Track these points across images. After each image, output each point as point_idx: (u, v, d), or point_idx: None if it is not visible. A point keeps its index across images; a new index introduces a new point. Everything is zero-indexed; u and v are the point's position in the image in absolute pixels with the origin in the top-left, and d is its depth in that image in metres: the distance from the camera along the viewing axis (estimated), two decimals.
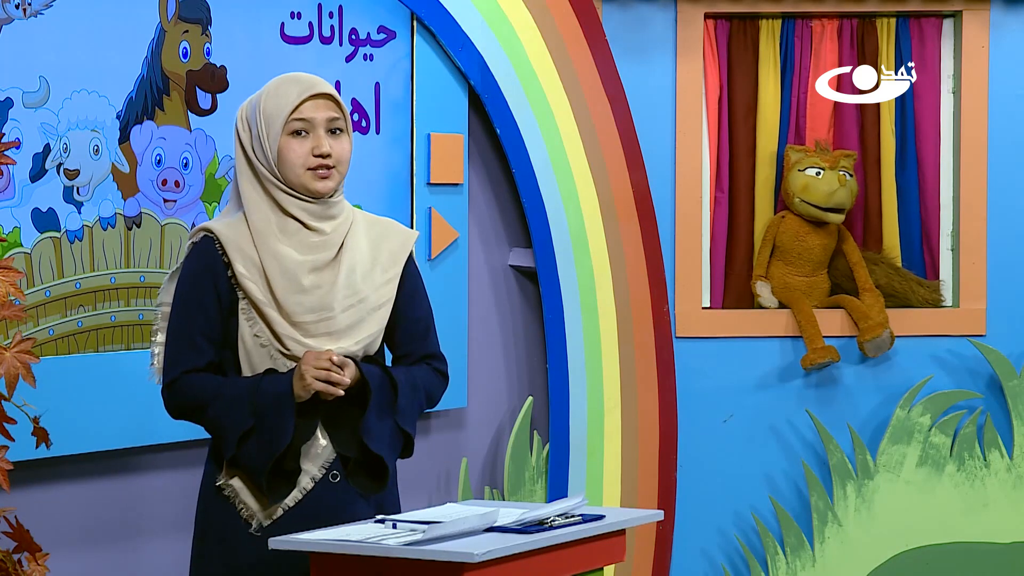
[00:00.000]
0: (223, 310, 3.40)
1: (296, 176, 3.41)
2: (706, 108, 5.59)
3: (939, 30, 5.64)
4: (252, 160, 3.43)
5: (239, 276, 3.39)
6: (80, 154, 3.97)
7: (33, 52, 3.87)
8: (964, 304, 5.60)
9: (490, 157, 5.20)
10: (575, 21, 5.19)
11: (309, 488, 3.42)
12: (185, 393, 3.40)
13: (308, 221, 3.43)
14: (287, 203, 3.42)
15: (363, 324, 3.46)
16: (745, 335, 5.55)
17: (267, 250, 3.40)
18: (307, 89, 3.42)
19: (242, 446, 3.36)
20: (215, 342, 3.40)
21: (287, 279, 3.40)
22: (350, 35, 4.68)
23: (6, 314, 3.36)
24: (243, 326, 3.40)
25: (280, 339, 3.39)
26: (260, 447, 3.35)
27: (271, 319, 3.38)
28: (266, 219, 3.42)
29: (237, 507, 3.42)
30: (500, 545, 3.13)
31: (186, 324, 3.40)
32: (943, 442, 5.53)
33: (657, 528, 5.32)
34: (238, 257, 3.39)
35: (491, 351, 5.24)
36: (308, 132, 3.41)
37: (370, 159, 4.74)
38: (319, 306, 3.41)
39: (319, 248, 3.44)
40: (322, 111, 3.42)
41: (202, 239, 3.42)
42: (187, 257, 3.44)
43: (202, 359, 3.40)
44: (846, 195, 5.47)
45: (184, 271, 3.43)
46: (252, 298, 3.38)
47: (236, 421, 3.35)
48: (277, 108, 3.40)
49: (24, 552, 3.50)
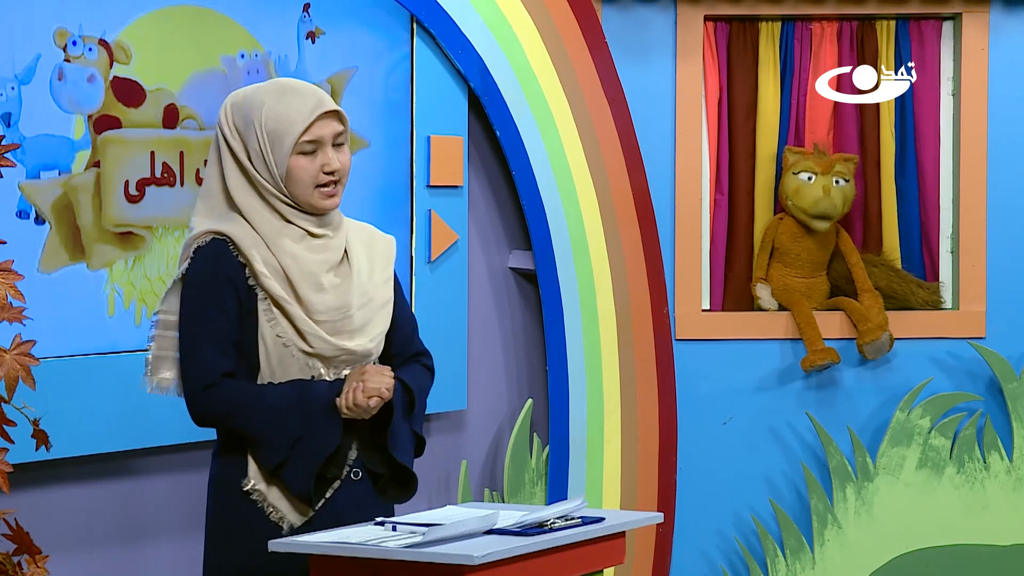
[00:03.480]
0: (240, 311, 3.39)
1: (306, 195, 3.41)
2: (706, 110, 5.59)
3: (939, 32, 5.65)
4: (248, 170, 3.41)
5: (260, 275, 3.37)
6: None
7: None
8: (964, 306, 5.60)
9: (490, 159, 5.20)
10: (575, 23, 5.19)
11: (336, 487, 3.44)
12: (224, 398, 3.36)
13: (311, 228, 3.44)
14: (288, 214, 3.42)
15: (373, 322, 3.48)
16: (745, 337, 5.55)
17: (282, 251, 3.40)
18: (315, 108, 3.39)
19: (290, 454, 3.36)
20: (236, 345, 3.39)
21: (307, 278, 3.40)
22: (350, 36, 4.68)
23: (6, 316, 3.36)
24: (264, 327, 3.38)
25: (304, 337, 3.39)
26: (307, 454, 3.36)
27: (295, 317, 3.38)
28: (271, 224, 3.41)
29: (266, 511, 3.41)
30: (500, 547, 3.13)
31: (211, 327, 3.36)
32: (943, 444, 5.53)
33: (657, 530, 5.32)
34: (256, 256, 3.38)
35: (491, 353, 5.24)
36: (316, 150, 3.41)
37: (370, 162, 4.74)
38: (340, 304, 3.42)
39: (327, 250, 3.45)
40: (330, 127, 3.42)
41: (211, 241, 3.39)
42: (194, 259, 3.39)
43: (232, 363, 3.38)
44: (830, 205, 5.45)
45: (195, 275, 3.39)
46: (274, 296, 3.37)
47: (286, 428, 3.35)
48: (284, 127, 3.38)
49: (24, 554, 3.50)
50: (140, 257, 4.15)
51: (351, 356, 3.45)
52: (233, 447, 3.43)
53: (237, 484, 3.42)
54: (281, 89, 3.43)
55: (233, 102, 3.44)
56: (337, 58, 4.64)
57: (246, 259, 3.38)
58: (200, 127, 4.26)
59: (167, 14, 4.20)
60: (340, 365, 3.44)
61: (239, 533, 3.40)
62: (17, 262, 3.57)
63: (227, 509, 3.43)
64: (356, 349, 3.44)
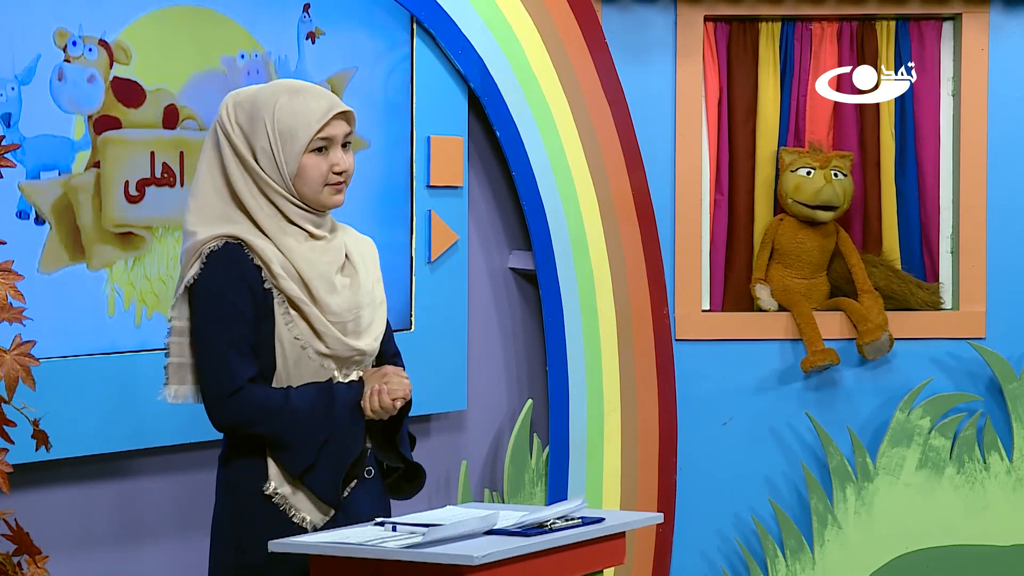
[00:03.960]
0: (257, 315, 3.39)
1: (315, 193, 3.42)
2: (706, 111, 5.59)
3: (939, 33, 5.65)
4: (253, 168, 3.40)
5: (278, 277, 3.37)
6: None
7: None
8: (964, 307, 5.60)
9: (490, 160, 5.20)
10: (575, 23, 5.19)
11: (353, 486, 3.45)
12: (251, 403, 3.36)
13: (312, 230, 3.45)
14: (292, 213, 3.42)
15: (376, 321, 3.51)
16: (745, 338, 5.55)
17: (291, 252, 3.40)
18: (331, 108, 3.41)
19: (319, 456, 3.37)
20: (254, 349, 3.39)
21: (321, 279, 3.41)
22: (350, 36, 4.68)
23: (6, 316, 3.36)
24: (281, 329, 3.39)
25: (321, 337, 3.39)
26: (334, 457, 3.37)
27: (312, 317, 3.38)
28: (275, 224, 3.42)
29: (289, 513, 3.40)
30: (500, 548, 3.13)
31: (232, 333, 3.36)
32: (943, 445, 5.53)
33: (657, 531, 5.32)
34: (273, 259, 3.38)
35: (491, 354, 5.24)
36: (328, 148, 3.42)
37: (370, 162, 4.74)
38: (351, 305, 3.44)
39: (330, 252, 3.46)
40: (341, 127, 3.44)
41: (224, 245, 3.38)
42: (207, 265, 3.37)
43: (254, 368, 3.38)
44: (832, 193, 5.46)
45: (210, 280, 3.37)
46: (292, 298, 3.37)
47: (313, 432, 3.36)
48: (298, 125, 3.39)
49: (24, 555, 3.50)
50: (140, 257, 4.15)
51: (362, 356, 3.47)
52: (247, 451, 3.41)
53: (254, 488, 3.40)
54: (294, 88, 3.44)
55: (236, 100, 3.44)
56: (337, 58, 4.64)
57: (263, 261, 3.38)
58: (200, 127, 4.26)
59: (167, 14, 4.20)
60: (352, 366, 3.45)
61: (258, 536, 3.38)
62: (17, 262, 3.57)
63: (243, 513, 3.42)
64: (366, 348, 3.47)
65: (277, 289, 3.38)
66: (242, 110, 3.42)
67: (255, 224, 3.40)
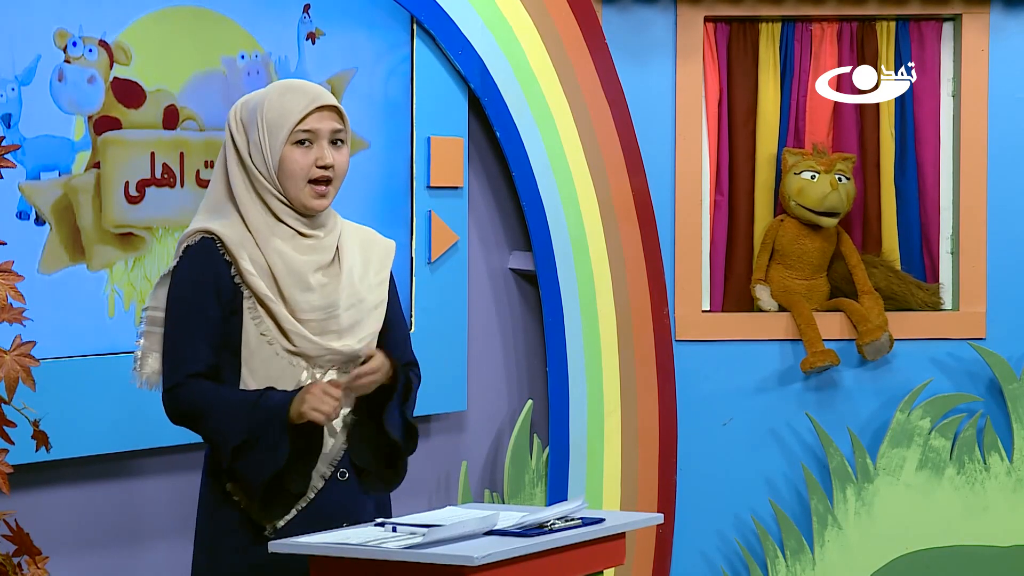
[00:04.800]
0: (224, 311, 3.40)
1: (296, 189, 3.42)
2: (706, 111, 5.59)
3: (939, 33, 5.65)
4: (247, 164, 3.43)
5: (245, 273, 3.39)
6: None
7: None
8: (964, 307, 5.60)
9: (490, 160, 5.20)
10: (575, 24, 5.19)
11: (320, 487, 3.43)
12: (186, 399, 3.38)
13: (301, 229, 3.46)
14: (280, 211, 3.44)
15: (364, 323, 3.48)
16: (745, 338, 5.55)
17: (270, 249, 3.41)
18: (314, 100, 3.43)
19: (238, 460, 3.35)
20: (215, 345, 3.40)
21: (294, 277, 3.41)
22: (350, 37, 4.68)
23: (6, 317, 3.36)
24: (248, 325, 3.40)
25: (287, 335, 3.39)
26: (255, 464, 3.34)
27: (278, 315, 3.39)
28: (263, 221, 3.43)
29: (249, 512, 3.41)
30: (500, 548, 3.13)
31: (187, 328, 3.39)
32: (943, 445, 5.54)
33: (657, 531, 5.32)
34: (243, 255, 3.39)
35: (491, 354, 5.24)
36: (312, 143, 3.43)
37: (370, 163, 4.75)
38: (327, 304, 3.43)
39: (317, 251, 3.46)
40: (327, 122, 3.44)
41: (200, 241, 3.41)
42: (182, 259, 3.42)
43: (203, 363, 3.39)
44: (838, 199, 5.47)
45: (181, 273, 3.41)
46: (259, 294, 3.38)
47: (231, 434, 3.34)
48: (282, 117, 3.41)
49: (24, 555, 3.50)
50: (140, 258, 4.16)
51: (337, 356, 3.45)
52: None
53: (221, 485, 3.42)
54: (287, 86, 3.48)
55: (243, 101, 3.49)
56: (337, 59, 4.65)
57: (232, 258, 3.40)
58: (200, 128, 4.26)
59: (167, 15, 4.20)
60: (326, 365, 3.44)
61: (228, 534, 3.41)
62: (17, 263, 3.57)
63: (215, 512, 3.44)
64: (342, 349, 3.44)
65: (245, 285, 3.39)
66: (246, 109, 3.47)
67: (243, 220, 3.42)
